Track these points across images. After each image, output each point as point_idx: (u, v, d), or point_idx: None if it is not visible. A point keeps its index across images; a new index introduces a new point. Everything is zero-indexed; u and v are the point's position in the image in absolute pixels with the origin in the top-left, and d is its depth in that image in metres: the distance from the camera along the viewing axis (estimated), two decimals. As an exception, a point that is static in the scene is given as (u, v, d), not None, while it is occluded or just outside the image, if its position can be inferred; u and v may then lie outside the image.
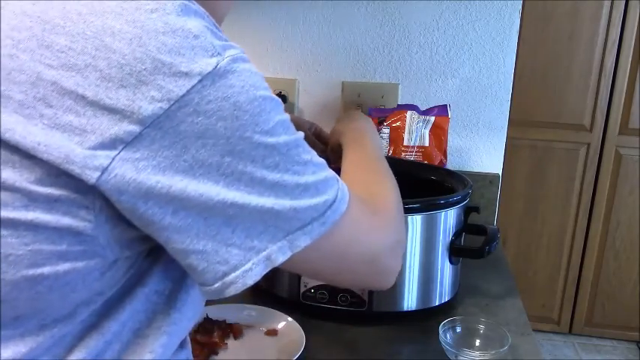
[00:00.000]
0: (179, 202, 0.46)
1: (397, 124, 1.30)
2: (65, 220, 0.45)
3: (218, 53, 0.46)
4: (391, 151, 1.29)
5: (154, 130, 0.44)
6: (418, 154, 1.29)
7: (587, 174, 2.64)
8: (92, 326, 0.50)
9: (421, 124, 1.30)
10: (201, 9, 0.49)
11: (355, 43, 1.44)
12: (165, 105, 0.44)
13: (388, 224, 0.64)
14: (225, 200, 0.47)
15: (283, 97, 1.48)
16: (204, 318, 0.94)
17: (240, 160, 0.47)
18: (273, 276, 1.03)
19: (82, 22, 0.44)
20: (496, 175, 1.45)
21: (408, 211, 0.95)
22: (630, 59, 2.48)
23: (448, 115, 1.31)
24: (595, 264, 2.73)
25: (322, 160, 0.56)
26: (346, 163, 0.81)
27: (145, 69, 0.44)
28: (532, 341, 0.95)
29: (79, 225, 0.45)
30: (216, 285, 0.49)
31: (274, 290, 1.03)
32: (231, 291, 0.50)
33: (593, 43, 2.47)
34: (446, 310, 1.01)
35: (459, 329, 0.93)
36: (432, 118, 1.30)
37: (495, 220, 1.47)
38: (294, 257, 0.52)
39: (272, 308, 0.97)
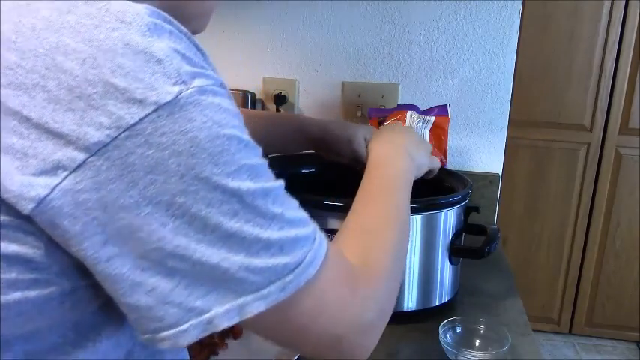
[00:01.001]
0: (115, 245, 0.42)
1: (397, 124, 1.30)
2: (12, 247, 0.41)
3: (183, 81, 0.42)
4: (391, 151, 1.29)
5: (100, 160, 0.40)
6: (418, 154, 1.29)
7: (587, 174, 2.64)
8: (67, 355, 0.47)
9: (421, 124, 1.30)
10: (181, 28, 0.45)
11: (355, 43, 1.44)
12: (113, 133, 0.40)
13: (368, 300, 0.55)
14: (165, 247, 0.42)
15: (283, 97, 1.48)
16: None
17: (195, 202, 0.42)
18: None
19: (35, 38, 0.41)
20: (496, 175, 1.45)
21: (408, 211, 0.95)
22: (630, 59, 2.48)
23: (448, 115, 1.31)
24: (595, 264, 2.73)
25: (299, 216, 0.50)
26: (356, 200, 0.71)
27: (95, 92, 0.40)
28: (532, 341, 0.95)
29: (27, 252, 0.42)
30: (146, 336, 0.45)
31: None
32: (161, 346, 0.45)
33: (593, 43, 2.48)
34: (446, 310, 1.01)
35: (459, 329, 0.93)
36: (432, 118, 1.30)
37: (495, 220, 1.47)
38: (246, 320, 0.46)
39: (272, 308, 0.97)
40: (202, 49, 0.47)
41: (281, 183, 0.49)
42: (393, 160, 0.80)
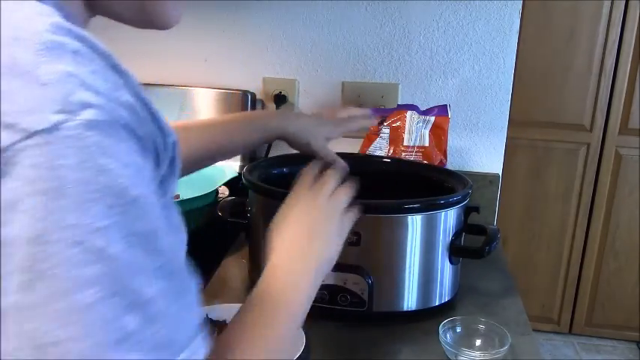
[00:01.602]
0: None
1: (397, 124, 1.30)
2: None
3: (69, 111, 0.36)
4: (391, 151, 1.29)
5: None
6: (418, 154, 1.29)
7: (587, 174, 2.63)
8: None
9: (421, 124, 1.30)
10: (98, 47, 0.40)
11: (355, 44, 1.44)
12: None
13: None
14: (6, 304, 0.35)
15: (283, 98, 1.48)
16: (204, 319, 0.94)
17: (49, 256, 0.35)
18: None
19: None
20: (496, 175, 1.45)
21: (409, 211, 0.95)
22: (630, 59, 2.48)
23: (448, 115, 1.32)
24: (595, 264, 2.73)
25: (180, 315, 0.41)
26: (239, 318, 0.58)
27: None
28: (532, 341, 0.95)
29: None
30: None
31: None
32: None
33: (593, 42, 2.47)
34: (446, 310, 1.01)
35: (459, 329, 0.93)
36: (432, 118, 1.30)
37: (495, 220, 1.47)
38: None
39: (272, 308, 0.97)
40: (125, 72, 0.41)
41: (177, 265, 0.41)
42: (291, 274, 0.64)
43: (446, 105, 1.33)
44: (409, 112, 1.31)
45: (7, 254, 0.35)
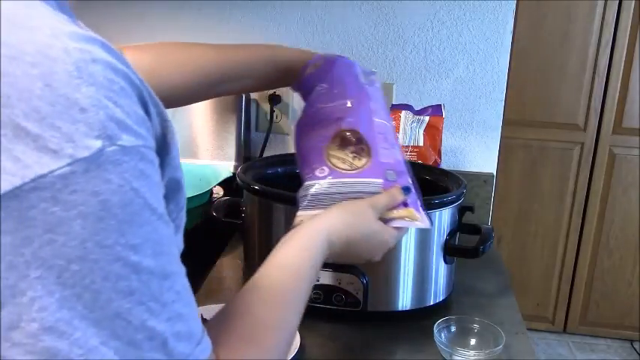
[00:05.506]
0: None
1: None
2: None
3: (107, 137, 0.37)
4: (386, 151, 1.29)
5: None
6: (412, 153, 1.29)
7: (581, 173, 2.64)
8: None
9: (415, 123, 1.30)
10: (121, 65, 0.40)
11: (349, 43, 1.44)
12: (17, 181, 0.35)
13: None
14: (45, 319, 0.36)
15: (278, 97, 1.48)
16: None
17: (90, 272, 0.37)
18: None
19: None
20: (490, 175, 1.45)
21: (403, 210, 0.95)
22: (624, 59, 2.49)
23: (442, 114, 1.32)
24: (589, 263, 2.74)
25: (190, 313, 0.44)
26: (254, 285, 0.59)
27: (4, 135, 0.36)
28: (526, 340, 0.95)
29: None
30: None
31: (269, 290, 1.03)
32: None
33: (586, 42, 2.48)
34: (440, 309, 1.02)
35: (453, 329, 0.94)
36: (427, 118, 1.31)
37: (490, 220, 1.48)
38: None
39: (267, 308, 0.97)
40: (144, 93, 0.42)
41: (184, 270, 0.44)
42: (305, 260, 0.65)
43: (440, 105, 1.33)
44: (403, 112, 1.31)
45: (44, 275, 0.36)
